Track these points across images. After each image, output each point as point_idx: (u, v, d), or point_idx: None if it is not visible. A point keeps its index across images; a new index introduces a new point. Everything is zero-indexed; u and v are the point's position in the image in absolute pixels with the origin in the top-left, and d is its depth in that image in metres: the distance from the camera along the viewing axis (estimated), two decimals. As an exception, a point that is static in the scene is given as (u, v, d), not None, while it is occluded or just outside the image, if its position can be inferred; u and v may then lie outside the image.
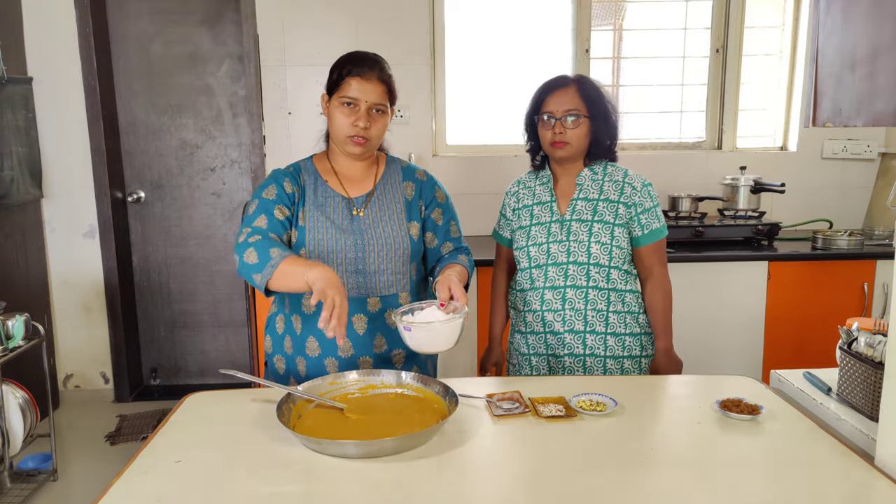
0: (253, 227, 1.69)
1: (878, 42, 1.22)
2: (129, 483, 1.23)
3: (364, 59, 1.74)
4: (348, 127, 1.72)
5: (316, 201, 1.78)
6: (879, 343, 1.48)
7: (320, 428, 1.40)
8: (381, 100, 1.72)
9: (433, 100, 3.56)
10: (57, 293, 3.69)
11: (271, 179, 1.79)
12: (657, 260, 1.93)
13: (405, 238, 1.80)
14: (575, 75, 1.94)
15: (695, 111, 3.74)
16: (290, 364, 1.81)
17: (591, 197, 1.91)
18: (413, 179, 1.87)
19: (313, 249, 1.74)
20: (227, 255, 3.89)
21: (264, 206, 1.73)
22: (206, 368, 4.00)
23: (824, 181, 3.64)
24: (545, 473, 1.26)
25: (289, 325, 1.81)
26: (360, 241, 1.75)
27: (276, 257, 1.59)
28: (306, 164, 1.84)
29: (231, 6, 3.63)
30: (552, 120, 1.87)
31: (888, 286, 3.05)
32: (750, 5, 3.60)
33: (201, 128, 3.78)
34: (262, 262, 1.59)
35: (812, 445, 1.36)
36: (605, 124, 1.90)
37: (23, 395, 2.71)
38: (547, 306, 1.90)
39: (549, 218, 1.93)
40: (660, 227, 1.92)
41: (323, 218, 1.76)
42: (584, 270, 1.88)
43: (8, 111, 3.28)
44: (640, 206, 1.89)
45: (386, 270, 1.78)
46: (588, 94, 1.88)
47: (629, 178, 1.92)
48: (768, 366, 3.03)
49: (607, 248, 1.87)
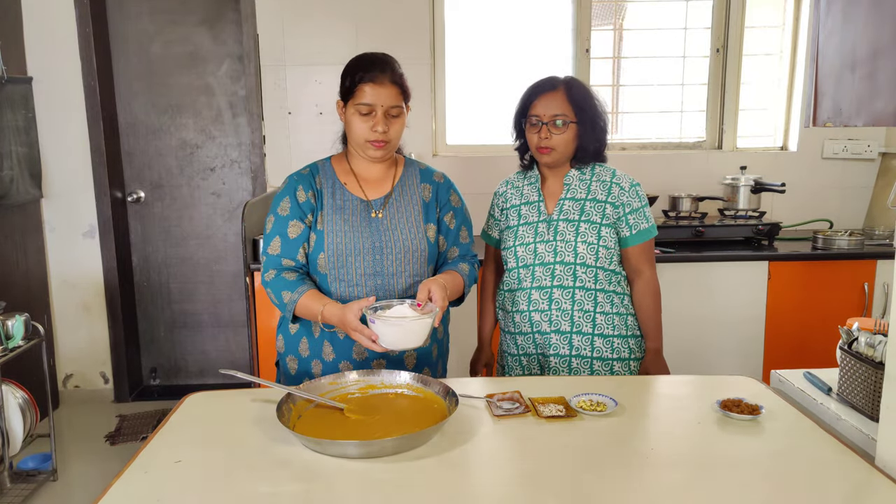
0: (269, 255, 1.77)
1: (878, 42, 1.22)
2: (129, 483, 1.23)
3: (374, 62, 1.72)
4: (367, 132, 1.72)
5: (334, 205, 1.77)
6: (880, 343, 1.48)
7: (320, 428, 1.40)
8: (396, 101, 1.72)
9: (433, 100, 3.57)
10: (57, 293, 3.69)
11: (285, 190, 1.80)
12: (645, 260, 1.92)
13: (422, 240, 1.80)
14: (564, 77, 1.92)
15: (695, 111, 3.74)
16: (305, 365, 1.81)
17: (578, 197, 1.91)
18: (430, 181, 1.87)
19: (332, 254, 1.74)
20: (227, 255, 3.89)
21: (278, 227, 1.77)
22: (206, 368, 4.00)
23: (824, 181, 3.64)
24: (545, 473, 1.25)
25: (306, 326, 1.80)
26: (377, 244, 1.75)
27: (289, 303, 1.71)
28: (324, 165, 1.84)
29: (231, 6, 3.63)
30: (539, 124, 1.86)
31: (888, 286, 3.04)
32: (750, 5, 3.60)
33: (201, 128, 3.78)
34: (280, 304, 1.74)
35: (812, 445, 1.36)
36: (591, 129, 1.89)
37: (23, 395, 2.71)
38: (534, 306, 1.90)
39: (536, 218, 1.93)
40: (648, 227, 1.91)
41: (341, 222, 1.76)
42: (571, 270, 1.87)
43: (8, 111, 3.28)
44: (627, 206, 1.89)
45: (404, 273, 1.78)
46: (576, 98, 1.87)
47: (617, 177, 1.92)
48: (768, 366, 3.03)
49: (594, 248, 1.87)
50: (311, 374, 1.80)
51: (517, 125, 1.97)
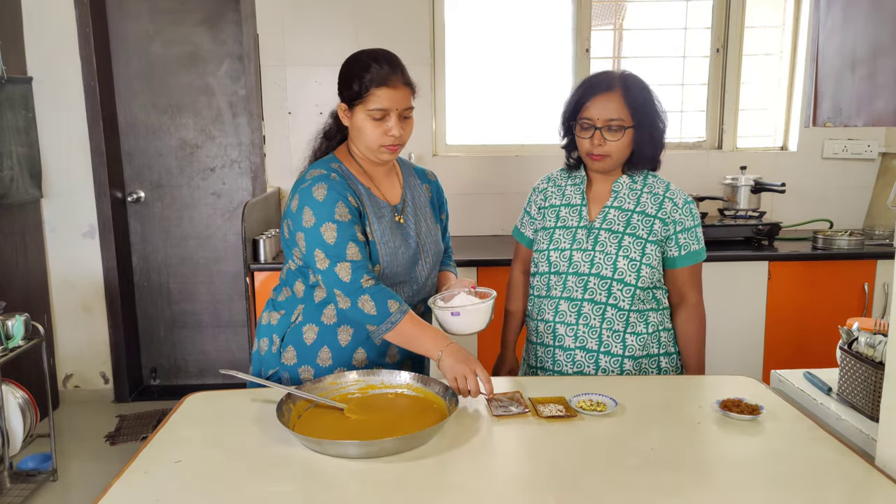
0: (350, 260, 1.58)
1: (878, 42, 1.22)
2: (129, 483, 1.23)
3: (383, 63, 1.61)
4: (382, 137, 1.62)
5: (375, 213, 1.68)
6: (880, 343, 1.48)
7: (320, 428, 1.40)
8: (409, 103, 1.65)
9: (433, 99, 3.57)
10: (57, 293, 3.69)
11: (335, 195, 1.60)
12: (693, 285, 1.78)
13: (439, 243, 1.80)
14: (620, 75, 1.75)
15: (695, 111, 3.74)
16: (293, 374, 1.73)
17: (625, 207, 1.76)
18: (427, 181, 1.85)
19: (386, 266, 1.66)
20: (228, 255, 3.89)
21: (347, 233, 1.59)
22: (205, 368, 4.00)
23: (824, 181, 3.64)
24: (545, 473, 1.26)
25: (328, 335, 1.72)
26: (413, 251, 1.72)
27: (396, 313, 1.57)
28: (342, 169, 1.68)
29: (231, 6, 3.63)
30: (592, 129, 1.71)
31: (888, 286, 3.04)
32: (750, 5, 3.60)
33: (201, 128, 3.78)
34: (380, 314, 1.56)
35: (812, 445, 1.36)
36: (650, 134, 1.73)
37: (23, 395, 2.71)
38: (560, 318, 1.76)
39: (576, 223, 1.78)
40: (699, 249, 1.77)
41: (388, 231, 1.67)
42: (607, 285, 1.72)
43: (8, 111, 3.28)
44: (679, 224, 1.74)
45: (430, 277, 1.77)
46: (634, 100, 1.71)
47: (671, 192, 1.77)
48: (768, 366, 3.03)
49: (636, 264, 1.71)
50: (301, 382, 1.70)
51: (566, 124, 1.80)
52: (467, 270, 2.95)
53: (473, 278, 2.97)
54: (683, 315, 1.80)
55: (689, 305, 1.79)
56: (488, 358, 2.12)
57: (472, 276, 2.97)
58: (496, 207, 3.61)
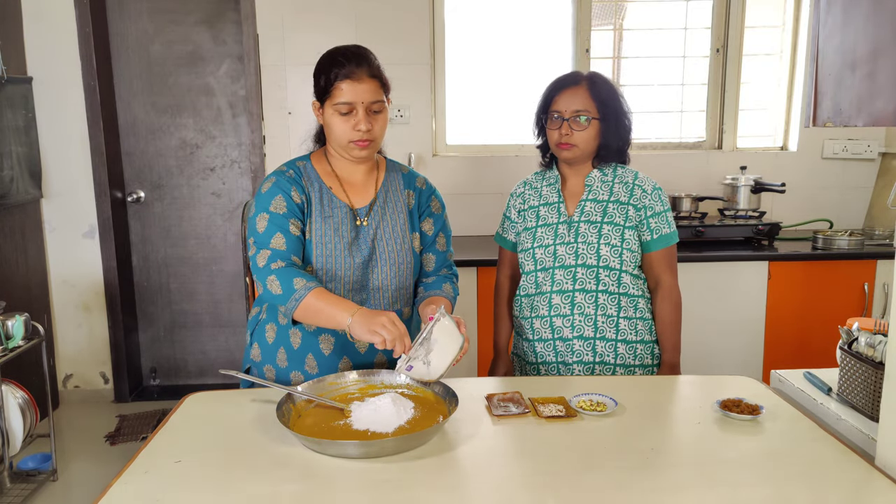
0: (273, 249, 1.60)
1: (878, 42, 1.22)
2: (129, 483, 1.23)
3: (348, 56, 1.61)
4: (349, 132, 1.62)
5: (323, 212, 1.66)
6: (880, 343, 1.48)
7: (320, 428, 1.40)
8: (377, 96, 1.62)
9: (433, 99, 3.56)
10: (57, 293, 3.69)
11: (276, 188, 1.65)
12: (666, 267, 1.86)
13: (409, 252, 1.72)
14: (587, 73, 1.87)
15: (695, 111, 3.74)
16: (284, 375, 1.72)
17: (600, 198, 1.85)
18: (413, 188, 1.78)
19: (321, 267, 1.64)
20: (227, 255, 3.89)
21: (278, 224, 1.62)
22: (205, 368, 4.00)
23: (824, 181, 3.64)
24: (545, 473, 1.25)
25: (283, 336, 1.71)
26: (365, 256, 1.67)
27: (302, 289, 1.54)
28: (306, 166, 1.71)
29: (231, 6, 3.63)
30: (560, 120, 1.81)
31: (888, 286, 3.04)
32: (750, 5, 3.60)
33: (201, 128, 3.78)
34: (284, 293, 1.56)
35: (812, 445, 1.36)
36: (615, 126, 1.83)
37: (22, 395, 2.71)
38: (556, 311, 1.83)
39: (556, 219, 1.87)
40: (670, 232, 1.85)
41: (331, 232, 1.65)
42: (594, 273, 1.81)
43: (8, 111, 3.28)
44: (650, 209, 1.83)
45: (389, 287, 1.70)
46: (599, 94, 1.81)
47: (639, 180, 1.86)
48: (768, 366, 3.03)
49: (617, 250, 1.81)
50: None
51: (538, 122, 1.92)
52: (468, 270, 2.95)
53: (474, 278, 2.98)
54: (659, 297, 1.87)
55: (664, 288, 1.86)
56: (483, 363, 2.12)
57: (472, 275, 2.97)
58: (496, 207, 3.58)
